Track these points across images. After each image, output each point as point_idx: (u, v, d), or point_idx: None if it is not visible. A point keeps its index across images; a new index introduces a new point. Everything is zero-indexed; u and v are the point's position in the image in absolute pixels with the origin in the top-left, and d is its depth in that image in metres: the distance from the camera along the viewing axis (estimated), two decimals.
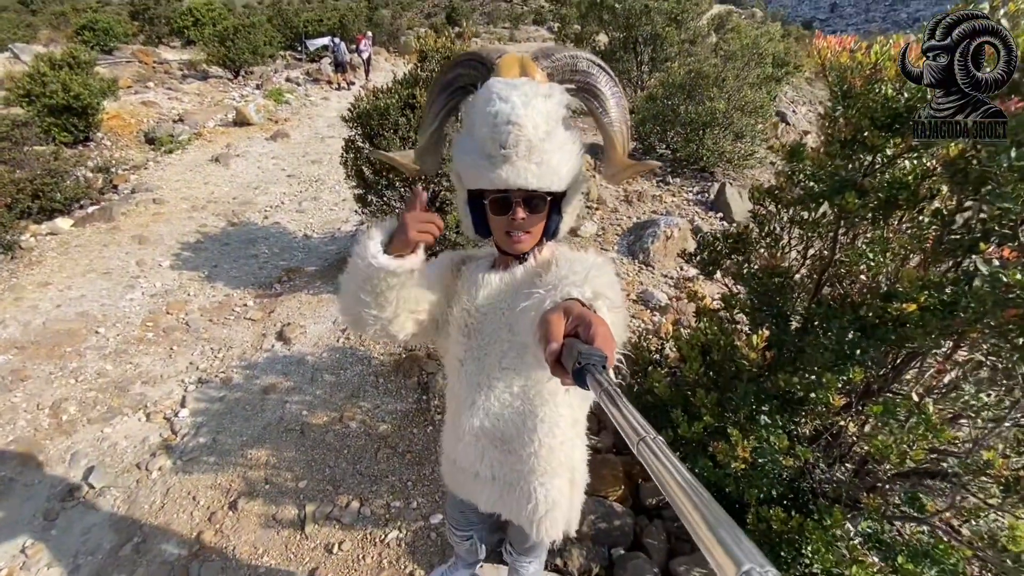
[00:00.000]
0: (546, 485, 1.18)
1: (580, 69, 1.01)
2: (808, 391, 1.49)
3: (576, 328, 0.67)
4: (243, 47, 12.33)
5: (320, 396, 3.25)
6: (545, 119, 0.93)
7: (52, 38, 15.37)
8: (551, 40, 22.36)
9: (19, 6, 25.74)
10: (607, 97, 1.03)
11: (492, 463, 1.20)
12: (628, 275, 4.30)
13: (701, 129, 6.68)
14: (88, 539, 2.45)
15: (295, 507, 2.52)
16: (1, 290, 4.24)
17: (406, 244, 0.98)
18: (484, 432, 1.17)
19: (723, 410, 1.69)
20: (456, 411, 1.23)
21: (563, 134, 0.98)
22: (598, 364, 0.58)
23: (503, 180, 0.95)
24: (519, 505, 1.21)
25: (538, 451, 1.14)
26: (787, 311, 1.70)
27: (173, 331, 3.96)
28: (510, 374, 1.10)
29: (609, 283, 0.89)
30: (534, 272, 1.07)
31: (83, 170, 6.71)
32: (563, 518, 1.24)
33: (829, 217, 1.73)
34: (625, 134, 1.06)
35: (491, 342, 1.11)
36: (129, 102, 9.68)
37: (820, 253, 1.89)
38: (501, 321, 1.08)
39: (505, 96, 0.91)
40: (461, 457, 1.24)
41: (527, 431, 1.13)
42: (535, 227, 1.04)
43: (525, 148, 0.92)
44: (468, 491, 1.29)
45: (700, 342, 1.77)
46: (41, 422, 3.08)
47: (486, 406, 1.14)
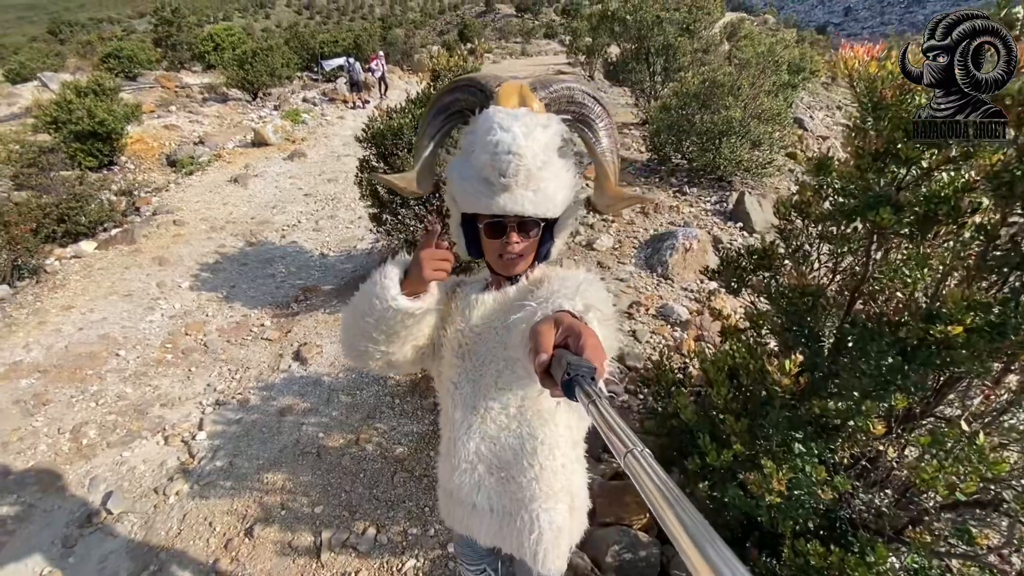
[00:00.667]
0: (549, 511, 1.14)
1: (576, 100, 1.05)
2: (846, 418, 1.40)
3: (566, 339, 0.67)
4: (261, 69, 12.63)
5: (336, 418, 3.22)
6: (543, 149, 0.96)
7: (79, 66, 15.94)
8: (562, 53, 22.54)
9: (48, 36, 26.81)
10: (600, 128, 1.07)
11: (490, 493, 1.16)
12: (646, 289, 4.22)
13: (717, 138, 6.59)
14: (105, 567, 2.44)
15: (311, 534, 2.48)
16: (26, 314, 4.32)
17: (421, 282, 1.00)
18: (480, 458, 1.14)
19: (754, 437, 1.61)
20: (451, 438, 1.19)
21: (559, 162, 1.01)
22: (587, 375, 0.57)
23: (500, 207, 0.97)
24: (520, 536, 1.16)
25: (539, 475, 1.11)
26: (819, 331, 1.62)
27: (192, 352, 3.98)
28: (506, 394, 1.09)
29: (600, 296, 0.91)
30: (527, 290, 1.09)
31: (107, 193, 6.88)
32: (567, 547, 1.20)
33: (860, 232, 1.65)
34: (616, 163, 1.09)
35: (486, 362, 1.09)
36: (152, 126, 9.95)
37: (851, 269, 1.80)
38: (496, 340, 1.08)
39: (507, 126, 0.93)
40: (457, 488, 1.20)
41: (526, 455, 1.11)
42: (528, 252, 1.07)
43: (524, 177, 0.95)
44: (466, 525, 1.24)
45: (727, 365, 1.69)
46: (61, 446, 3.10)
47: (482, 429, 1.12)
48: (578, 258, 4.68)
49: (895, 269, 1.56)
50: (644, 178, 7.18)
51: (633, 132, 9.85)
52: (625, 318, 3.78)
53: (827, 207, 1.60)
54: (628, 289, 4.19)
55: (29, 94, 11.42)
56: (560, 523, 1.16)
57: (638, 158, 8.13)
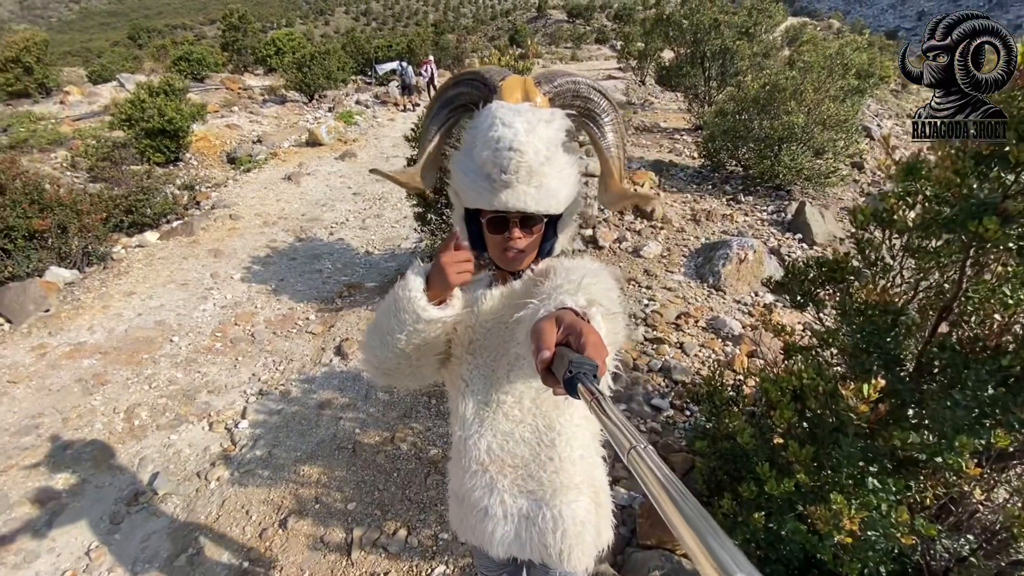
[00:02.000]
0: (571, 505, 1.10)
1: (581, 95, 1.03)
2: (933, 454, 1.24)
3: (567, 337, 0.67)
4: (318, 72, 13.07)
5: (373, 414, 3.21)
6: (546, 145, 0.94)
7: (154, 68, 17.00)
8: (613, 58, 22.27)
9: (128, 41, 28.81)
10: (606, 123, 1.05)
11: (503, 496, 1.11)
12: (696, 300, 4.03)
13: (777, 145, 6.28)
14: (147, 546, 2.50)
15: (343, 530, 2.46)
16: (92, 298, 4.56)
17: (446, 288, 0.99)
18: (493, 457, 1.09)
19: (820, 467, 1.45)
20: (462, 438, 1.14)
21: (563, 158, 0.99)
22: (588, 373, 0.58)
23: (502, 203, 0.96)
24: (543, 537, 1.10)
25: (560, 467, 1.08)
26: (900, 355, 1.45)
27: (239, 342, 4.09)
28: (519, 387, 1.07)
29: (604, 289, 0.91)
30: (532, 283, 1.06)
31: (171, 188, 7.25)
32: (592, 546, 1.15)
33: (954, 246, 1.47)
34: (622, 159, 1.08)
35: (497, 356, 1.07)
36: (215, 125, 10.45)
37: (938, 287, 1.62)
38: (506, 334, 1.06)
39: (508, 121, 0.92)
40: (468, 491, 1.14)
41: (544, 448, 1.08)
42: (531, 248, 1.05)
43: (526, 173, 0.93)
44: (478, 534, 1.17)
45: (792, 386, 1.55)
46: (116, 426, 3.23)
47: (494, 425, 1.08)
48: (620, 261, 4.54)
49: (992, 289, 1.38)
50: (696, 185, 6.93)
51: (685, 138, 9.57)
52: (672, 329, 3.62)
53: (915, 217, 1.43)
54: (676, 299, 4.01)
55: (108, 93, 12.26)
56: (583, 517, 1.12)
57: (690, 164, 7.87)
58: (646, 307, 3.88)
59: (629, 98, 14.43)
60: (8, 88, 12.75)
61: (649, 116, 12.23)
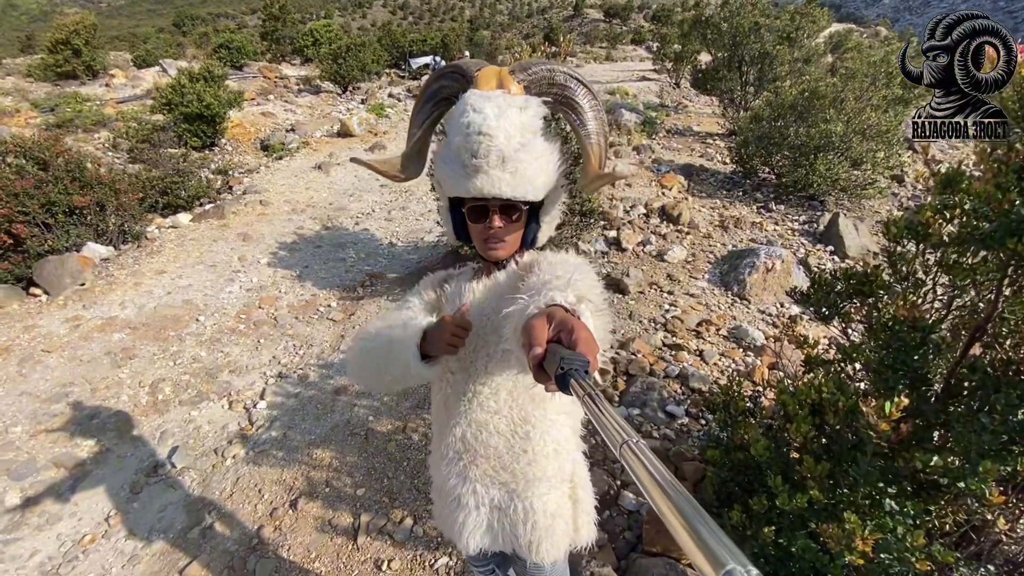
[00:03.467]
0: (543, 498, 1.12)
1: (557, 82, 1.03)
2: (955, 479, 1.18)
3: (559, 334, 0.67)
4: (353, 64, 13.24)
5: (387, 403, 3.24)
6: (519, 130, 0.96)
7: (195, 55, 17.48)
8: (648, 60, 21.98)
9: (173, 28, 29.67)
10: (585, 110, 1.05)
11: (476, 485, 1.13)
12: (719, 308, 3.95)
13: (813, 153, 6.11)
14: (163, 517, 2.58)
15: (351, 515, 2.49)
16: (125, 274, 4.72)
17: (440, 352, 1.02)
18: (467, 446, 1.11)
19: (836, 485, 1.41)
20: (440, 429, 1.18)
21: (541, 145, 1.00)
22: (580, 369, 0.58)
23: (478, 189, 0.97)
24: (515, 529, 1.12)
25: (533, 460, 1.10)
26: (927, 374, 1.39)
27: (262, 325, 4.18)
28: (496, 379, 1.08)
29: (591, 285, 0.90)
30: (516, 276, 1.08)
31: (206, 172, 7.45)
32: (564, 538, 1.16)
33: (991, 264, 1.41)
34: (603, 146, 1.08)
35: (478, 348, 1.09)
36: (251, 112, 10.69)
37: (973, 305, 1.55)
38: (488, 327, 1.08)
39: (479, 107, 0.94)
40: (444, 479, 1.17)
41: (518, 440, 1.10)
42: (512, 235, 1.07)
43: (496, 158, 0.95)
44: (452, 523, 1.18)
45: (811, 400, 1.50)
46: (140, 399, 3.33)
47: (469, 415, 1.10)
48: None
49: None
50: (726, 191, 6.80)
51: (718, 143, 9.39)
52: (692, 336, 3.56)
53: (952, 231, 1.37)
54: (698, 306, 3.94)
55: (151, 78, 12.65)
56: (554, 510, 1.14)
57: (721, 169, 7.73)
58: (667, 312, 3.82)
59: (663, 100, 14.23)
60: (57, 69, 13.27)
61: (682, 120, 12.04)
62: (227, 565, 2.32)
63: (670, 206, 5.52)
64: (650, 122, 10.58)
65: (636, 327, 3.67)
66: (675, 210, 5.38)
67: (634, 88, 15.40)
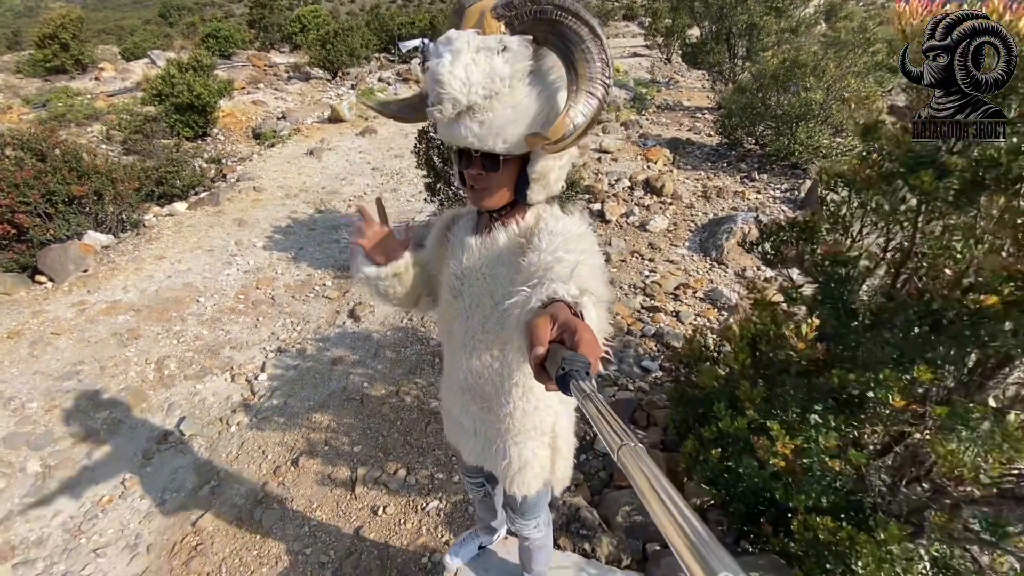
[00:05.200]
0: (519, 446, 1.22)
1: (545, 18, 0.87)
2: (865, 389, 1.35)
3: (562, 334, 0.67)
4: (341, 49, 13.20)
5: (381, 370, 3.42)
6: (485, 77, 0.86)
7: (183, 46, 17.36)
8: (641, 36, 21.75)
9: (159, 19, 29.34)
10: (578, 53, 0.88)
11: (474, 418, 1.27)
12: (697, 272, 4.11)
13: (794, 122, 6.21)
14: (175, 478, 2.77)
15: (348, 469, 2.68)
16: (126, 261, 4.87)
17: (376, 255, 1.16)
18: (467, 387, 1.23)
19: (771, 406, 1.58)
20: (449, 365, 1.31)
21: (520, 92, 0.90)
22: (581, 371, 0.58)
23: (448, 137, 0.95)
24: (496, 460, 1.27)
25: (512, 413, 1.17)
26: (851, 303, 1.55)
27: (260, 304, 4.34)
28: (491, 338, 1.13)
29: (594, 270, 0.86)
30: (516, 240, 1.06)
31: (199, 161, 7.55)
32: (537, 479, 1.27)
33: (910, 203, 1.56)
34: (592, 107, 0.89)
35: (474, 305, 1.13)
36: (242, 102, 10.72)
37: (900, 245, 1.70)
38: (483, 287, 1.10)
39: (439, 52, 0.88)
40: (451, 407, 1.33)
41: (504, 393, 1.16)
42: (495, 186, 1.01)
43: (451, 107, 0.89)
44: (457, 440, 1.37)
45: (751, 333, 1.66)
46: (147, 375, 3.51)
47: (468, 365, 1.19)
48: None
49: (945, 244, 1.47)
50: (711, 163, 6.91)
51: (707, 116, 9.45)
52: (670, 299, 3.72)
53: (869, 173, 1.52)
54: (677, 271, 4.10)
55: (140, 70, 12.63)
56: (528, 457, 1.23)
57: (708, 142, 7.82)
58: (646, 278, 3.98)
59: (654, 76, 14.21)
60: (46, 64, 13.25)
61: (673, 95, 12.06)
62: (236, 517, 2.52)
63: (654, 178, 5.64)
64: (640, 98, 10.62)
65: (616, 293, 3.83)
66: (658, 182, 5.50)
67: (625, 64, 15.34)
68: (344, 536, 2.36)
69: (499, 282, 1.08)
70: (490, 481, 1.61)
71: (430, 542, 2.27)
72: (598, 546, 1.89)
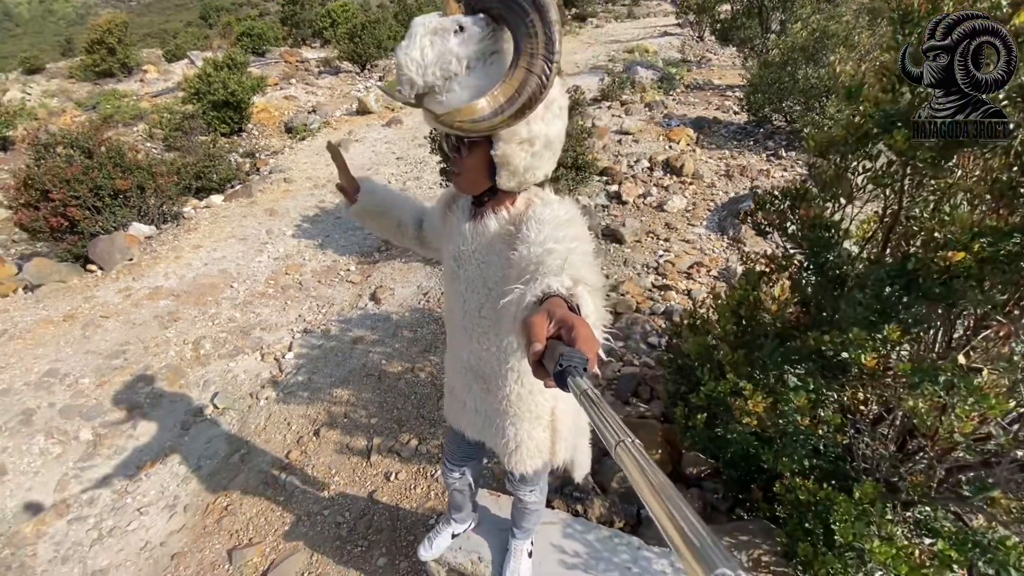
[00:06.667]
0: (516, 426, 1.26)
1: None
2: (840, 350, 1.37)
3: (559, 331, 0.66)
4: (369, 42, 13.40)
5: (398, 349, 3.57)
6: (441, 59, 0.88)
7: (220, 45, 17.98)
8: (672, 14, 21.15)
9: (200, 21, 30.40)
10: (523, 24, 0.85)
11: (476, 397, 1.31)
12: (713, 251, 4.07)
13: (824, 96, 5.99)
14: (209, 447, 2.99)
15: (365, 439, 2.84)
16: (166, 250, 5.20)
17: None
18: (469, 367, 1.26)
19: (752, 370, 1.61)
20: (452, 345, 1.34)
21: (479, 73, 0.91)
22: (579, 367, 0.58)
23: (426, 120, 0.99)
24: (496, 438, 1.32)
25: (508, 396, 1.22)
26: (836, 268, 1.55)
27: (289, 288, 4.57)
28: (486, 323, 1.16)
29: (585, 258, 0.86)
30: (506, 227, 1.06)
31: (235, 155, 7.89)
32: (534, 459, 1.31)
33: (896, 165, 1.54)
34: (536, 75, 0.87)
35: (470, 290, 1.16)
36: (274, 97, 11.07)
37: (887, 208, 1.69)
38: (477, 274, 1.13)
39: (407, 35, 0.91)
40: (454, 386, 1.36)
41: (501, 376, 1.21)
42: (465, 170, 1.04)
43: (409, 88, 0.92)
44: (458, 419, 1.41)
45: (735, 300, 1.69)
46: (185, 354, 3.77)
47: (470, 346, 1.23)
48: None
49: (929, 204, 1.46)
50: (737, 141, 6.74)
51: (737, 94, 9.18)
52: (683, 277, 3.71)
53: (850, 136, 1.51)
54: (692, 251, 4.07)
55: (180, 70, 13.20)
56: (523, 438, 1.27)
57: (734, 120, 7.62)
58: (660, 258, 3.98)
59: (684, 55, 13.84)
60: (96, 69, 14.01)
61: (704, 74, 11.75)
62: (262, 481, 2.71)
63: (674, 158, 5.57)
64: (668, 78, 10.39)
65: (629, 272, 3.85)
66: (678, 162, 5.43)
67: (655, 44, 14.98)
68: (359, 500, 2.52)
69: (492, 269, 1.10)
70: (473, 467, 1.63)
71: (437, 505, 2.40)
72: (590, 507, 1.96)
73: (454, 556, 1.69)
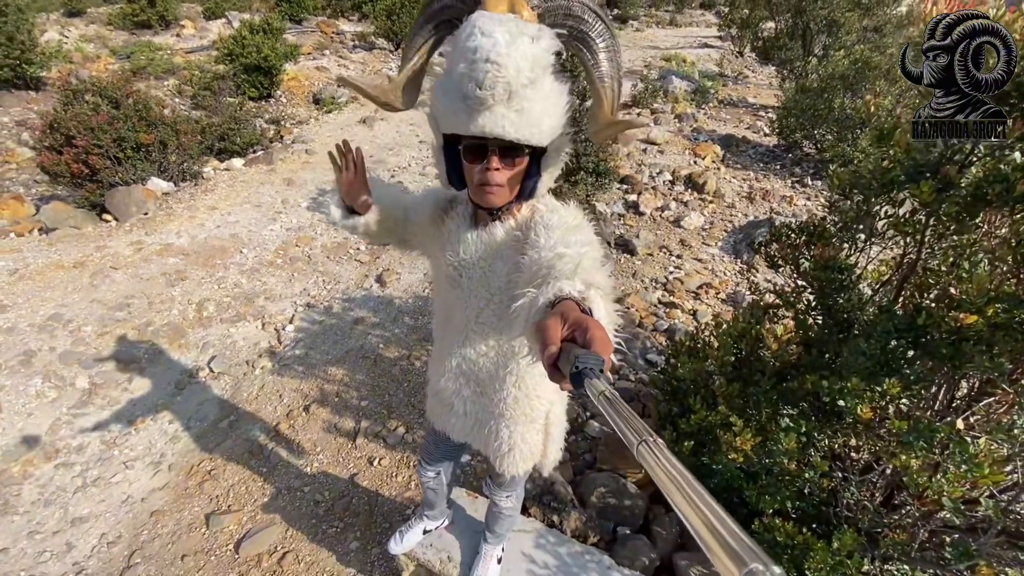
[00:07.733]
0: (510, 429, 1.26)
1: (574, 13, 0.92)
2: (836, 397, 1.34)
3: (573, 333, 0.65)
4: (406, 21, 13.35)
5: (397, 334, 3.57)
6: (531, 63, 0.86)
7: (259, 8, 18.00)
8: (715, 26, 20.87)
9: None
10: (599, 49, 0.94)
11: (466, 400, 1.29)
12: (724, 274, 4.02)
13: (858, 127, 5.87)
14: (200, 410, 3.02)
15: (353, 421, 2.85)
16: (182, 208, 5.23)
17: (351, 202, 1.19)
18: (460, 372, 1.25)
19: (745, 403, 1.58)
20: (440, 348, 1.32)
21: (550, 84, 0.91)
22: (595, 368, 0.58)
23: (479, 126, 0.89)
24: (487, 441, 1.31)
25: (505, 399, 1.22)
26: (843, 311, 1.52)
27: (297, 261, 4.58)
28: (485, 328, 1.15)
29: (596, 263, 0.86)
30: (513, 234, 1.05)
31: (260, 121, 7.91)
32: (526, 461, 1.31)
33: (919, 216, 1.50)
34: (616, 91, 0.97)
35: (470, 296, 1.13)
36: (306, 67, 11.08)
37: (905, 257, 1.65)
38: (480, 280, 1.11)
39: (488, 31, 0.83)
40: (441, 390, 1.33)
41: (498, 379, 1.21)
42: (509, 182, 0.98)
43: (503, 91, 0.85)
44: (443, 421, 1.39)
45: (736, 331, 1.66)
46: (188, 314, 3.80)
47: (463, 352, 1.21)
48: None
49: (949, 259, 1.43)
50: (763, 163, 6.65)
51: (769, 116, 9.05)
52: (690, 297, 3.67)
53: (875, 180, 1.47)
54: (703, 271, 4.02)
55: (217, 29, 13.24)
56: (517, 441, 1.28)
57: (764, 142, 7.51)
58: (670, 274, 3.93)
59: (721, 69, 13.66)
60: (134, 18, 14.09)
61: (739, 90, 11.59)
62: (247, 450, 2.73)
63: (697, 174, 5.50)
64: (703, 91, 10.25)
65: (637, 285, 3.81)
66: (701, 178, 5.37)
67: (693, 55, 14.79)
68: (340, 480, 2.53)
69: (496, 275, 1.09)
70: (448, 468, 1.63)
71: (416, 496, 2.40)
72: (566, 519, 1.95)
73: (424, 552, 1.69)
